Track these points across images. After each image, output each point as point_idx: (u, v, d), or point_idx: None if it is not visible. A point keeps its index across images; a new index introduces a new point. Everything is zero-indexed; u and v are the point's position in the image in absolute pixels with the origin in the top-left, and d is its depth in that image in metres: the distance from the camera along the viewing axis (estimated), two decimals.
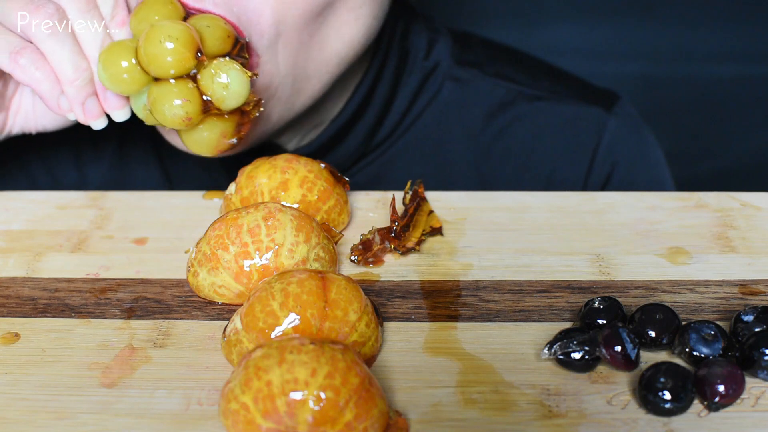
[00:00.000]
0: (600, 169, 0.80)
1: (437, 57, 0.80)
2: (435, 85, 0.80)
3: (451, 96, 0.80)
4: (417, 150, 0.80)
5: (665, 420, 0.44)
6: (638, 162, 0.82)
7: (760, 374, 0.46)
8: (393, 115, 0.78)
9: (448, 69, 0.80)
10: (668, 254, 0.56)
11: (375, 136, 0.78)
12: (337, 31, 0.66)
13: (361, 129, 0.77)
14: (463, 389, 0.46)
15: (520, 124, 0.80)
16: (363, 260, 0.56)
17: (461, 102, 0.80)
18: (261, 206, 0.52)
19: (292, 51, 0.64)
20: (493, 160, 0.80)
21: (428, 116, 0.80)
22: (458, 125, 0.80)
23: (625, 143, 0.81)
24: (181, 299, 0.53)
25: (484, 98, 0.81)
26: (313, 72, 0.67)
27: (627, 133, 0.81)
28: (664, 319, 0.48)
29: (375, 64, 0.76)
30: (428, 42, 0.80)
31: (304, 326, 0.46)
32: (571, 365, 0.47)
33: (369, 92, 0.76)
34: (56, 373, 0.48)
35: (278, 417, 0.41)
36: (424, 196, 0.60)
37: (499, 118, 0.80)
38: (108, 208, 0.63)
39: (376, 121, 0.77)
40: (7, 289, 0.55)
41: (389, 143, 0.79)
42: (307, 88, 0.68)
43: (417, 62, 0.79)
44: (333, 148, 0.77)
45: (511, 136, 0.80)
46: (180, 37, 0.55)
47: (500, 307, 0.52)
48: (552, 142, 0.80)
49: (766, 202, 0.61)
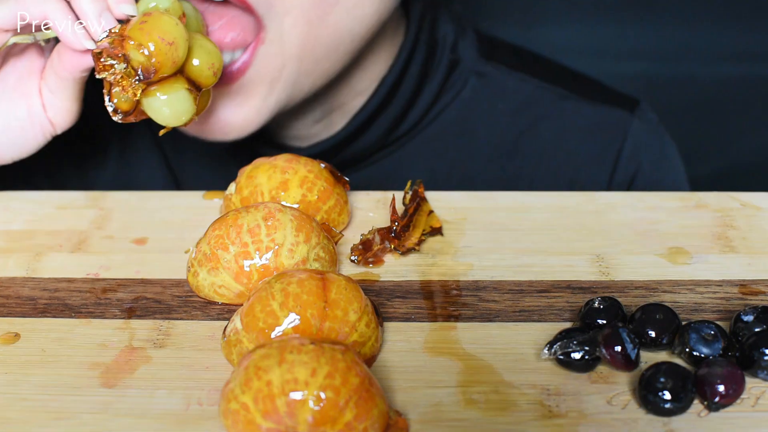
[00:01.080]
0: (624, 172, 0.80)
1: (463, 51, 0.79)
2: (460, 79, 0.79)
3: (475, 91, 0.79)
4: (438, 144, 0.79)
5: (665, 420, 0.44)
6: (661, 165, 0.82)
7: (760, 374, 0.46)
8: (418, 108, 0.78)
9: (473, 64, 0.79)
10: (668, 254, 0.56)
11: (397, 129, 0.78)
12: (349, 12, 0.65)
13: (384, 121, 0.76)
14: (463, 389, 0.46)
15: (545, 123, 0.80)
16: (363, 260, 0.56)
17: (486, 97, 0.80)
18: (261, 206, 0.52)
19: (300, 32, 0.64)
20: (516, 158, 0.80)
21: (452, 110, 0.79)
22: (482, 121, 0.80)
23: (649, 146, 0.81)
24: (181, 299, 0.53)
25: (510, 95, 0.80)
26: (322, 54, 0.66)
27: (650, 137, 0.81)
28: (664, 319, 0.48)
29: (403, 52, 0.75)
30: (455, 34, 0.79)
31: (304, 326, 0.46)
32: (571, 365, 0.47)
33: (397, 81, 0.75)
34: (56, 373, 0.48)
35: (278, 417, 0.41)
36: (424, 196, 0.60)
37: (524, 116, 0.80)
38: (108, 208, 0.63)
39: (401, 113, 0.77)
40: (7, 289, 0.55)
41: (410, 136, 0.79)
42: (316, 70, 0.67)
43: (444, 54, 0.78)
44: (356, 139, 0.76)
45: (535, 135, 0.80)
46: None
47: (500, 307, 0.52)
48: (576, 143, 0.80)
49: (766, 202, 0.61)
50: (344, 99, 0.75)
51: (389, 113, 0.76)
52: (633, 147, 0.80)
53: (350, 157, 0.77)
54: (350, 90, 0.75)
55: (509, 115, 0.80)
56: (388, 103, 0.76)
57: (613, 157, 0.80)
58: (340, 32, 0.66)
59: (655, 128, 0.82)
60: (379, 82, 0.75)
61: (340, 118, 0.77)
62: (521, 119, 0.80)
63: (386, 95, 0.75)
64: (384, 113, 0.76)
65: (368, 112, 0.75)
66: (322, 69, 0.68)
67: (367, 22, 0.67)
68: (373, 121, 0.76)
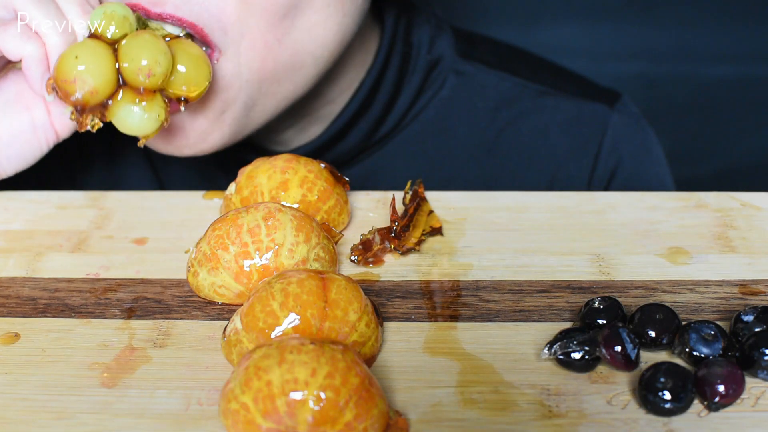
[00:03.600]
0: (604, 166, 0.80)
1: (440, 50, 0.79)
2: (439, 78, 0.79)
3: (454, 90, 0.79)
4: (418, 144, 0.79)
5: (665, 420, 0.44)
6: (642, 158, 0.82)
7: (760, 374, 0.46)
8: (397, 111, 0.78)
9: (451, 62, 0.79)
10: (668, 254, 0.56)
11: (378, 132, 0.78)
12: (309, 32, 0.65)
13: (364, 125, 0.76)
14: (463, 389, 0.46)
15: (525, 120, 0.80)
16: (363, 260, 0.56)
17: (465, 96, 0.79)
18: (261, 206, 0.52)
19: (257, 54, 0.63)
20: (497, 156, 0.80)
21: (431, 110, 0.79)
22: (461, 120, 0.80)
23: (629, 140, 0.81)
24: (181, 299, 0.53)
25: (489, 92, 0.80)
26: (283, 75, 0.66)
27: (630, 130, 0.81)
28: (664, 319, 0.48)
29: (379, 60, 0.75)
30: (431, 36, 0.79)
31: (304, 326, 0.46)
32: (571, 365, 0.47)
33: (373, 88, 0.75)
34: (56, 373, 0.48)
35: (278, 417, 0.41)
36: (424, 196, 0.60)
37: (504, 113, 0.80)
38: (108, 208, 0.63)
39: (380, 117, 0.77)
40: (7, 289, 0.55)
41: (390, 137, 0.79)
42: (279, 91, 0.67)
43: (421, 56, 0.78)
44: (335, 144, 0.76)
45: (515, 132, 0.80)
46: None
47: (500, 307, 0.52)
48: (556, 139, 0.80)
49: (766, 202, 0.61)
50: (317, 107, 0.75)
51: (368, 118, 0.76)
52: (612, 140, 0.80)
53: (329, 161, 0.77)
54: (323, 100, 0.74)
55: (489, 112, 0.80)
56: (367, 108, 0.76)
57: (593, 152, 0.80)
58: (300, 54, 0.65)
59: (635, 122, 0.81)
60: (355, 89, 0.75)
61: (316, 124, 0.76)
62: (501, 116, 0.80)
63: (363, 101, 0.75)
64: (363, 118, 0.76)
65: (345, 119, 0.75)
66: (286, 90, 0.67)
67: (329, 46, 0.67)
68: (352, 127, 0.76)
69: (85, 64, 0.55)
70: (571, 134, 0.80)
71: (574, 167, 0.80)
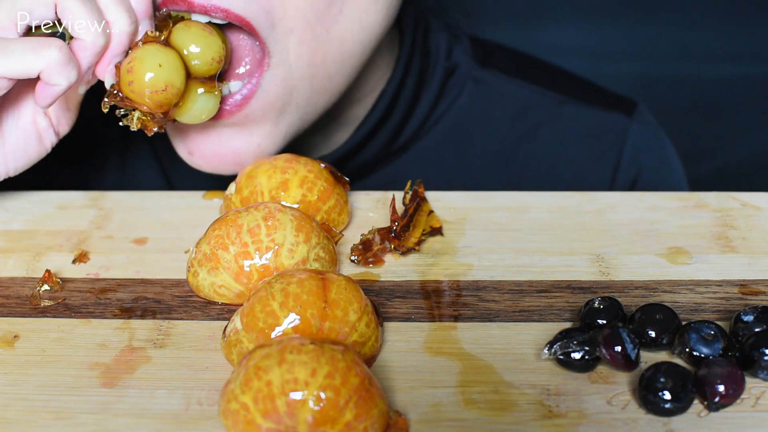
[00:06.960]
0: (625, 176, 0.79)
1: (457, 57, 0.78)
2: (457, 85, 0.78)
3: (472, 97, 0.79)
4: (437, 152, 0.78)
5: (665, 420, 0.44)
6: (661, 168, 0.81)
7: (760, 374, 0.46)
8: (416, 117, 0.77)
9: (468, 69, 0.79)
10: (668, 254, 0.56)
11: (397, 140, 0.77)
12: (359, 20, 0.63)
13: (385, 132, 0.75)
14: (463, 389, 0.46)
15: (545, 128, 0.79)
16: (363, 260, 0.56)
17: (483, 104, 0.79)
18: (261, 206, 0.52)
19: (307, 50, 0.62)
20: (515, 164, 0.79)
21: (449, 118, 0.78)
22: (480, 128, 0.79)
23: (648, 149, 0.80)
24: (181, 299, 0.53)
25: (507, 101, 0.79)
26: (335, 69, 0.65)
27: (649, 139, 0.80)
28: (664, 319, 0.48)
29: (401, 63, 0.74)
30: (448, 42, 0.78)
31: (304, 326, 0.46)
32: (571, 365, 0.47)
33: (396, 93, 0.74)
34: (56, 373, 0.48)
35: (278, 417, 0.41)
36: (424, 196, 0.60)
37: (522, 122, 0.79)
38: (108, 208, 0.63)
39: (400, 124, 0.76)
40: (7, 289, 0.55)
41: (408, 146, 0.78)
42: (331, 86, 0.65)
43: (439, 62, 0.77)
44: (357, 153, 0.75)
45: (534, 141, 0.79)
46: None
47: (500, 307, 0.52)
48: (575, 148, 0.79)
49: (766, 202, 0.61)
50: (345, 108, 0.74)
51: (389, 125, 0.75)
52: (633, 150, 0.80)
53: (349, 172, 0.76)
54: (348, 100, 0.73)
55: (507, 121, 0.79)
56: (390, 113, 0.75)
57: (613, 162, 0.79)
58: (348, 44, 0.64)
59: (653, 130, 0.81)
60: (379, 93, 0.74)
61: (341, 129, 0.76)
62: (519, 125, 0.79)
63: (387, 107, 0.74)
64: (385, 125, 0.75)
65: (371, 125, 0.74)
66: (337, 84, 0.66)
67: (376, 31, 0.66)
68: (374, 134, 0.75)
69: (168, 71, 0.56)
70: (590, 144, 0.79)
71: (593, 177, 0.79)
